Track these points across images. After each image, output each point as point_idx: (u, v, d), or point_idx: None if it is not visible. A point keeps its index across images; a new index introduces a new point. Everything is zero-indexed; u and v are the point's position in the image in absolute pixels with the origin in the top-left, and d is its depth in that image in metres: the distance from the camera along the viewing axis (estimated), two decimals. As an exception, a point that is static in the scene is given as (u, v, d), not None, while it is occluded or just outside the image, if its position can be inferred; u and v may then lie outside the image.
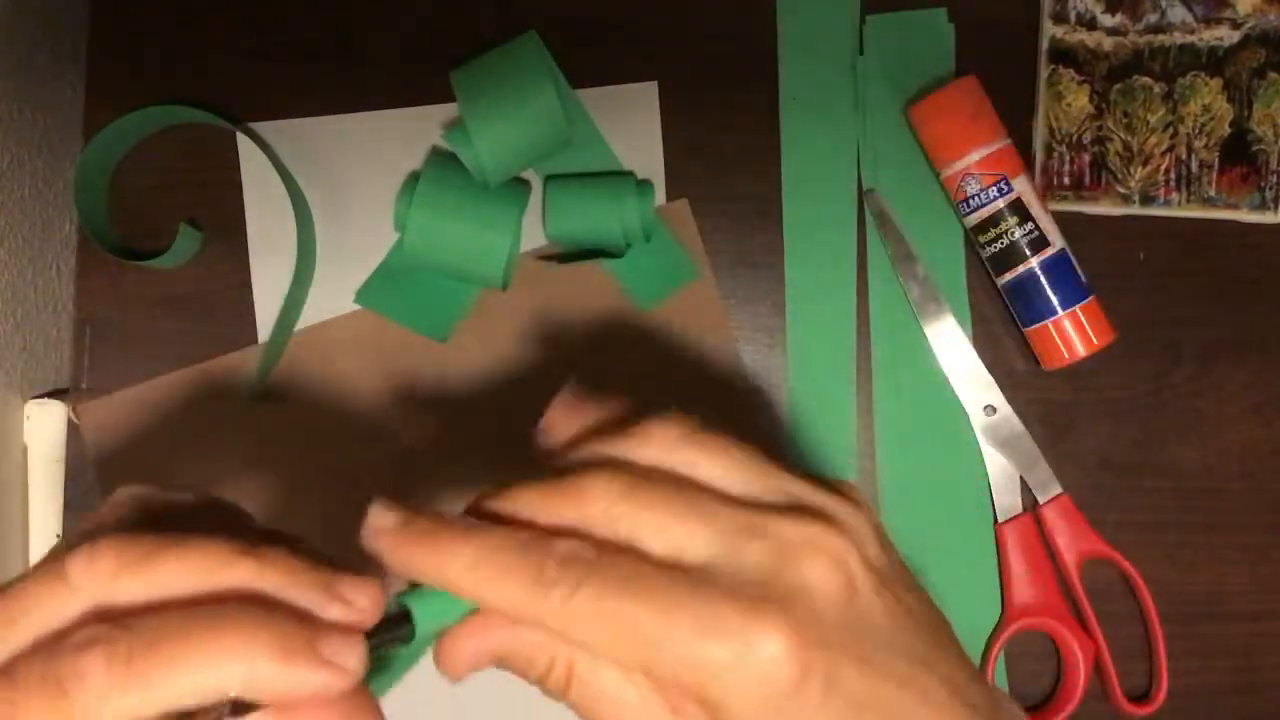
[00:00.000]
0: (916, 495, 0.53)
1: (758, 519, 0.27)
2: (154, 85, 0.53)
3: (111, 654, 0.23)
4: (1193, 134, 0.53)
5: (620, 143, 0.53)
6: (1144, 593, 0.51)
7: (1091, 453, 0.53)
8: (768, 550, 0.26)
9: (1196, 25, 0.53)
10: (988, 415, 0.53)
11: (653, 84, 0.54)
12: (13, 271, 0.53)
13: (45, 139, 0.56)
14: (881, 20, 0.54)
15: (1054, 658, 0.52)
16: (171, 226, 0.50)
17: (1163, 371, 0.53)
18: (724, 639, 0.25)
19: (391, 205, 0.52)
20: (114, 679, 0.23)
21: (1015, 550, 0.52)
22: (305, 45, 0.54)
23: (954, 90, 0.50)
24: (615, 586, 0.25)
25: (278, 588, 0.25)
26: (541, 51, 0.51)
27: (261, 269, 0.53)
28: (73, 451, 0.52)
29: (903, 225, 0.53)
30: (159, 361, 0.52)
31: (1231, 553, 0.53)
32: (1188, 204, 0.53)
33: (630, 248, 0.52)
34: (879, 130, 0.54)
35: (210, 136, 0.53)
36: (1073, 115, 0.53)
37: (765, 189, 0.54)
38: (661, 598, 0.25)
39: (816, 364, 0.53)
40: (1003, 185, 0.50)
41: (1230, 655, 0.53)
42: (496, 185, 0.50)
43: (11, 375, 0.53)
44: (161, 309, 0.53)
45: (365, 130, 0.53)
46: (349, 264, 0.53)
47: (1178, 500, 0.53)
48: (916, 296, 0.53)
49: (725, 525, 0.27)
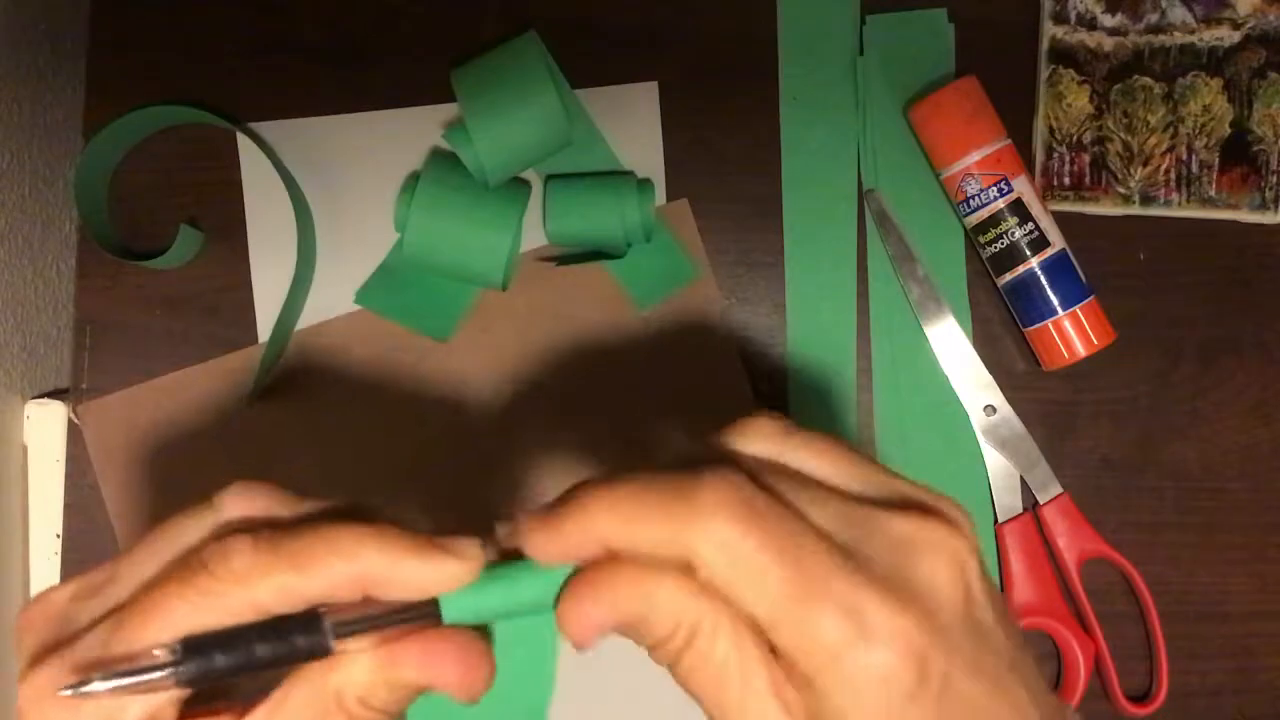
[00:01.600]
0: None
1: (881, 513, 0.26)
2: (154, 85, 0.53)
3: (257, 540, 0.24)
4: (1193, 134, 0.53)
5: (620, 143, 0.53)
6: (1144, 593, 0.51)
7: (1091, 453, 0.53)
8: (892, 545, 0.26)
9: (1196, 25, 0.53)
10: (988, 415, 0.53)
11: (653, 84, 0.54)
12: (13, 271, 0.53)
13: (45, 139, 0.56)
14: (881, 20, 0.54)
15: (1054, 658, 0.52)
16: (171, 226, 0.50)
17: (1163, 371, 0.53)
18: (857, 621, 0.24)
19: (391, 205, 0.52)
20: (259, 559, 0.24)
21: (1015, 550, 0.52)
22: (305, 45, 0.54)
23: (954, 90, 0.50)
24: (776, 531, 0.24)
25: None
26: (541, 51, 0.51)
27: (261, 269, 0.53)
28: (73, 451, 0.52)
29: (903, 225, 0.53)
30: (159, 361, 0.52)
31: (1231, 553, 0.53)
32: (1188, 204, 0.53)
33: (630, 248, 0.52)
34: (879, 130, 0.54)
35: (210, 136, 0.53)
36: (1073, 115, 0.53)
37: (765, 189, 0.54)
38: (814, 560, 0.24)
39: (816, 364, 0.53)
40: (1003, 185, 0.50)
41: (1230, 655, 0.53)
42: (496, 185, 0.50)
43: (11, 375, 0.53)
44: (161, 309, 0.53)
45: (365, 130, 0.53)
46: (349, 264, 0.53)
47: (1178, 500, 0.53)
48: (916, 297, 0.53)
49: (851, 516, 0.26)
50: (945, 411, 0.53)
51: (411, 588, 0.25)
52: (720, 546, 0.24)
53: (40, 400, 0.54)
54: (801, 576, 0.24)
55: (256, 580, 0.24)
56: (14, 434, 0.53)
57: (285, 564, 0.24)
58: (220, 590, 0.24)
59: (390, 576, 0.25)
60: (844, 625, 0.24)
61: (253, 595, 0.24)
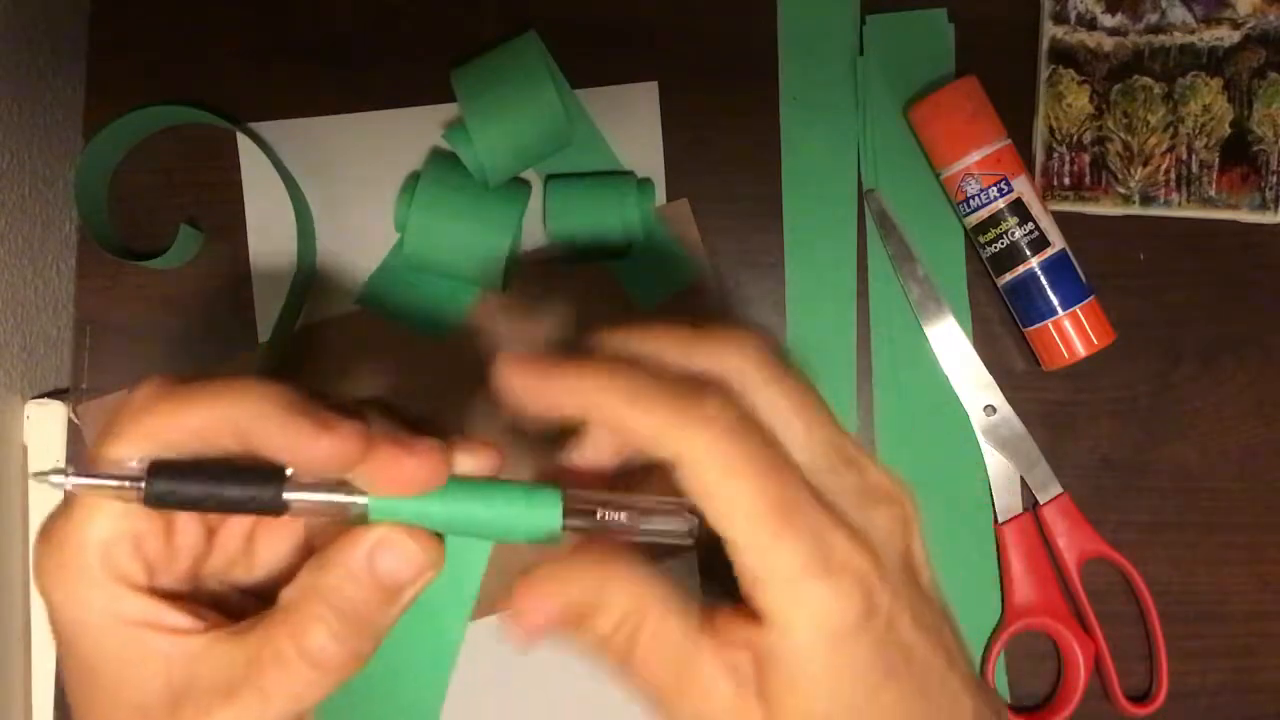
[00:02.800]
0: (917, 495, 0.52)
1: (855, 452, 0.28)
2: (154, 85, 0.53)
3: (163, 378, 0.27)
4: (1193, 134, 0.53)
5: (620, 143, 0.53)
6: (1144, 593, 0.51)
7: (1091, 453, 0.53)
8: (858, 485, 0.27)
9: (1196, 25, 0.53)
10: (988, 415, 0.53)
11: (653, 84, 0.54)
12: (13, 271, 0.53)
13: (45, 139, 0.56)
14: (881, 20, 0.54)
15: (1054, 658, 0.52)
16: (171, 226, 0.50)
17: (1163, 371, 0.53)
18: (823, 552, 0.25)
19: (391, 205, 0.52)
20: (158, 392, 0.27)
21: (1015, 550, 0.52)
22: (305, 45, 0.54)
23: (954, 90, 0.50)
24: (763, 454, 0.26)
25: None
26: (541, 51, 0.51)
27: (261, 269, 0.53)
28: (73, 451, 0.52)
29: (903, 225, 0.53)
30: (159, 361, 0.52)
31: (1231, 553, 0.53)
32: (1188, 204, 0.53)
33: (630, 248, 0.52)
34: (879, 130, 0.54)
35: (210, 136, 0.53)
36: (1073, 115, 0.53)
37: (765, 189, 0.54)
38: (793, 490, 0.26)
39: (816, 363, 0.53)
40: (1003, 185, 0.50)
41: (1230, 655, 0.53)
42: (496, 185, 0.50)
43: (11, 375, 0.53)
44: (161, 309, 0.53)
45: (365, 130, 0.53)
46: (349, 264, 0.53)
47: (1178, 500, 0.53)
48: (916, 297, 0.53)
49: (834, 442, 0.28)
50: (945, 411, 0.53)
51: (286, 451, 0.26)
52: (712, 452, 0.25)
53: (40, 400, 0.54)
54: (780, 500, 0.25)
55: (153, 410, 0.26)
56: (14, 434, 0.53)
57: (175, 401, 0.26)
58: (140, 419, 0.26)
59: (262, 433, 0.26)
60: (809, 552, 0.25)
61: (152, 424, 0.26)
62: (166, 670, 0.27)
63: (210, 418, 0.26)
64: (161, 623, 0.27)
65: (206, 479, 0.26)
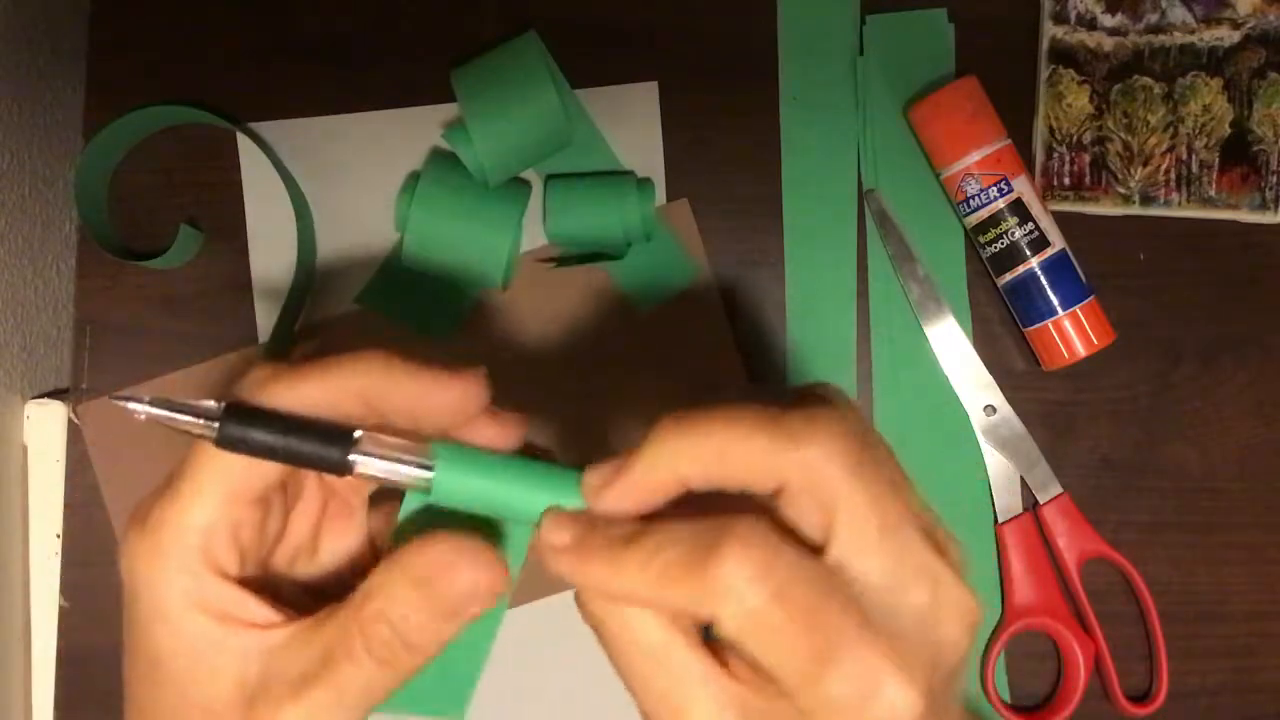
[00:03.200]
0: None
1: (931, 559, 0.26)
2: (154, 85, 0.53)
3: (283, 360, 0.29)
4: (1193, 134, 0.53)
5: (620, 143, 0.53)
6: (1144, 593, 0.51)
7: (1091, 453, 0.53)
8: (927, 607, 0.25)
9: (1196, 25, 0.53)
10: (988, 415, 0.53)
11: (653, 84, 0.54)
12: (13, 271, 0.53)
13: (45, 139, 0.56)
14: (881, 20, 0.54)
15: (1054, 658, 0.52)
16: (171, 226, 0.50)
17: (1163, 371, 0.53)
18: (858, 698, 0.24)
19: (391, 205, 0.52)
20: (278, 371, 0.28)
21: (1015, 550, 0.52)
22: (305, 45, 0.54)
23: (954, 90, 0.50)
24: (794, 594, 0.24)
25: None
26: (541, 51, 0.51)
27: (261, 269, 0.53)
28: (73, 451, 0.52)
29: (903, 225, 0.53)
30: (159, 361, 0.52)
31: (1231, 553, 0.53)
32: (1188, 204, 0.53)
33: (630, 248, 0.52)
34: (879, 130, 0.54)
35: (210, 136, 0.53)
36: (1073, 115, 0.53)
37: (765, 189, 0.54)
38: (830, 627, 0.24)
39: (816, 364, 0.53)
40: (1003, 185, 0.50)
41: (1230, 655, 0.53)
42: (496, 185, 0.50)
43: (11, 375, 0.53)
44: (161, 309, 0.53)
45: (365, 130, 0.53)
46: (349, 264, 0.53)
47: (1178, 500, 0.53)
48: (916, 296, 0.53)
49: (908, 549, 0.26)
50: (945, 411, 0.53)
51: (412, 406, 0.28)
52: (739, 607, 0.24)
53: (40, 400, 0.54)
54: (822, 648, 0.24)
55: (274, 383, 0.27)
56: (14, 434, 0.53)
57: (296, 374, 0.28)
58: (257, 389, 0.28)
59: (387, 393, 0.27)
60: (850, 696, 0.24)
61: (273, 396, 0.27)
62: (241, 666, 0.27)
63: (330, 390, 0.27)
64: (244, 615, 0.27)
65: (280, 429, 0.27)
